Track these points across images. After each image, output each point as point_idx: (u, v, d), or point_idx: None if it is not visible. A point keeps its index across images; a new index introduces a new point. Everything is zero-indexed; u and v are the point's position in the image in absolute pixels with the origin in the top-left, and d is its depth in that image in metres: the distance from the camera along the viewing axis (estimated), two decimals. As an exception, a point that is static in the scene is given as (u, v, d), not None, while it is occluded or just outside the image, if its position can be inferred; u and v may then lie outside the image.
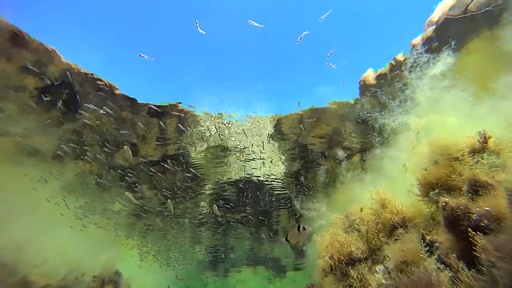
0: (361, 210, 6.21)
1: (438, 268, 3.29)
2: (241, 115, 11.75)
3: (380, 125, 9.11)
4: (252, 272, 26.73)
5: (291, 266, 25.01)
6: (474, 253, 3.09)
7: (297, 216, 17.23)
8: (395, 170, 6.89)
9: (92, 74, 10.14)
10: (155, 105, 10.93)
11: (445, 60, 7.41)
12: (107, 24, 8.82)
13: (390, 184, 6.72)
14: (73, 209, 12.71)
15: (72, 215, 12.76)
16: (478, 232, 3.18)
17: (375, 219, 5.61)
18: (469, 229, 3.30)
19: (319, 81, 10.94)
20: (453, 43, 8.28)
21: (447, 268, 3.30)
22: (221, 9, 8.73)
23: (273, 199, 15.96)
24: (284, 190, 15.56)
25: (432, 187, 5.03)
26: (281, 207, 16.84)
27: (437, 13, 9.54)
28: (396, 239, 4.80)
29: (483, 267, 2.91)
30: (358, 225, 5.99)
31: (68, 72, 9.57)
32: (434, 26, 9.46)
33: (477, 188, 3.86)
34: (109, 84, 10.47)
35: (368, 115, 9.96)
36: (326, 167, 13.30)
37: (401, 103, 8.11)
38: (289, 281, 26.11)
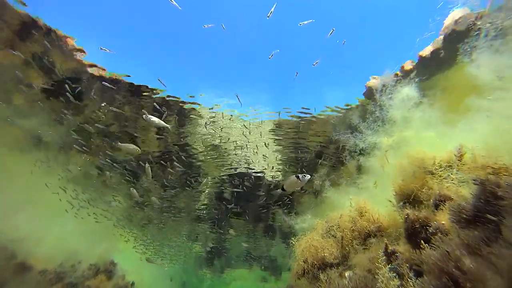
0: (340, 216, 6.36)
1: (389, 277, 3.43)
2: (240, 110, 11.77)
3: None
4: (248, 271, 27.05)
5: (287, 267, 25.22)
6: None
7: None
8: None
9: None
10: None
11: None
12: (109, 19, 9.11)
13: (369, 194, 6.86)
14: (74, 199, 13.17)
15: (74, 205, 13.24)
16: (428, 244, 3.31)
17: (351, 227, 5.75)
18: (422, 241, 3.43)
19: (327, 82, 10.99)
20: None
21: (399, 277, 3.45)
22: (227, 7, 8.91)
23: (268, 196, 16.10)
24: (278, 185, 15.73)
25: (407, 198, 5.16)
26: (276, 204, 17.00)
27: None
28: (365, 248, 4.93)
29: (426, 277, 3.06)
30: (335, 231, 6.13)
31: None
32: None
33: (440, 203, 3.97)
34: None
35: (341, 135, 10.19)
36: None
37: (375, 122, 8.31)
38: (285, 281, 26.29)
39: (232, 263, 25.50)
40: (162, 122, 7.94)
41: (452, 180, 4.22)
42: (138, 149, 8.61)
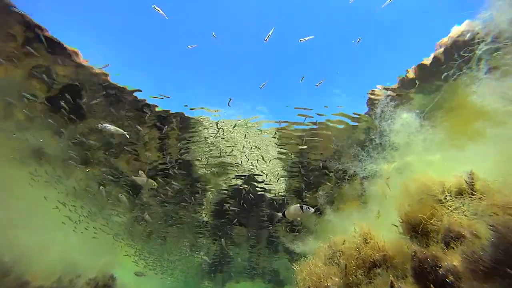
0: (344, 242, 6.06)
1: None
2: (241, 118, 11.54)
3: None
4: (251, 284, 26.49)
5: (289, 280, 24.63)
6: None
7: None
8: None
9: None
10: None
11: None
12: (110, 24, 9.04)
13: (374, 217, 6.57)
14: (72, 212, 13.03)
15: (73, 218, 13.10)
16: (440, 290, 3.04)
17: (356, 254, 5.45)
18: (432, 285, 3.15)
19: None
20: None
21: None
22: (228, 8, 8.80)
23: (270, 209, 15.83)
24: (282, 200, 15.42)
25: (414, 228, 4.87)
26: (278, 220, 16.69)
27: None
28: (369, 282, 4.64)
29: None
30: (338, 258, 5.83)
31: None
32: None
33: (450, 239, 3.69)
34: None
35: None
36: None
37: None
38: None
39: (233, 275, 25.02)
40: (120, 130, 7.83)
41: (463, 212, 3.93)
42: (154, 183, 8.50)
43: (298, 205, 5.01)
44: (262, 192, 15.07)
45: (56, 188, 12.18)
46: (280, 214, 5.39)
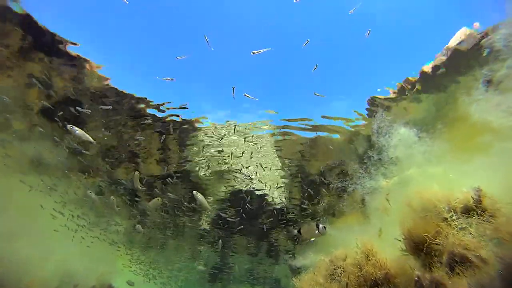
0: (345, 258, 5.89)
1: None
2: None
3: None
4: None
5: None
6: None
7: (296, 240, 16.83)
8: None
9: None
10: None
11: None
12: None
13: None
14: (70, 220, 12.90)
15: (72, 227, 12.98)
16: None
17: (357, 272, 5.28)
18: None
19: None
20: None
21: None
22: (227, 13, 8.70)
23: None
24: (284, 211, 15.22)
25: (417, 245, 4.71)
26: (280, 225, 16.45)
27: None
28: (372, 303, 4.46)
29: None
30: (339, 275, 5.66)
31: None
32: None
33: (455, 263, 3.53)
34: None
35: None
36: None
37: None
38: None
39: (233, 283, 24.73)
40: (86, 135, 7.60)
41: (470, 233, 3.75)
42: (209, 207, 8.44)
43: (314, 223, 4.87)
44: (262, 201, 14.89)
45: (51, 196, 12.06)
46: (295, 231, 5.24)
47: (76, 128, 7.25)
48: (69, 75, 9.41)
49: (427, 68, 9.67)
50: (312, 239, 4.98)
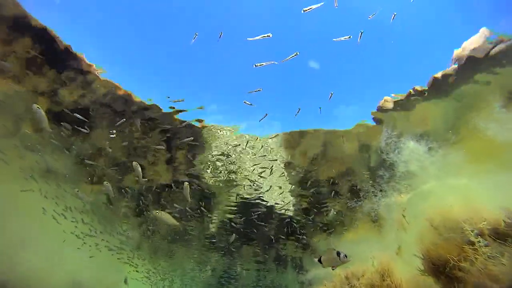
0: (362, 276, 5.69)
1: None
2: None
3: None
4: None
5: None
6: None
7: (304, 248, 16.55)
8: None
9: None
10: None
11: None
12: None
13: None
14: (76, 227, 12.84)
15: (79, 235, 12.97)
16: None
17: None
18: None
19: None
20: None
21: None
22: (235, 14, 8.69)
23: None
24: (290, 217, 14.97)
25: (437, 267, 4.48)
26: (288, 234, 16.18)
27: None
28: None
29: None
30: (355, 294, 5.47)
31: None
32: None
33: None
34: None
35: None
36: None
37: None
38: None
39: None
40: (47, 125, 7.33)
41: (501, 262, 3.44)
42: (177, 223, 8.22)
43: (335, 251, 4.66)
44: (270, 209, 14.70)
45: (58, 204, 12.09)
46: (316, 260, 5.08)
47: (41, 110, 6.93)
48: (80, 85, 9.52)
49: (438, 75, 9.45)
50: (333, 268, 4.76)
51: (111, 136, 9.84)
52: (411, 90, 10.18)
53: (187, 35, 8.66)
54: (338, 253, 4.54)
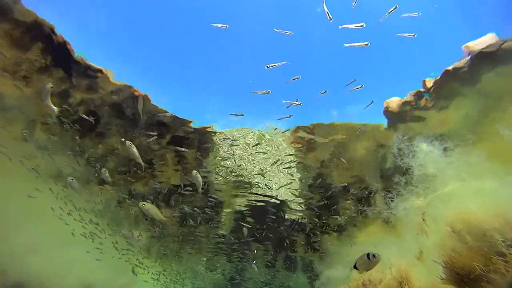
0: (380, 283, 5.49)
1: None
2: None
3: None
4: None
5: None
6: None
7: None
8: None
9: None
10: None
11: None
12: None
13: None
14: (85, 228, 12.90)
15: (89, 236, 13.05)
16: None
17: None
18: None
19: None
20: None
21: None
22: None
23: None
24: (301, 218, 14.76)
25: (461, 277, 4.25)
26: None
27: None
28: None
29: None
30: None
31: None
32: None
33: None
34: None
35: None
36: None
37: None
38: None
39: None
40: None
41: None
42: (164, 218, 8.16)
43: (366, 254, 4.65)
44: (280, 210, 14.54)
45: (67, 205, 12.16)
46: (352, 267, 5.03)
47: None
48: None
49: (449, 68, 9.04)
50: (368, 270, 4.75)
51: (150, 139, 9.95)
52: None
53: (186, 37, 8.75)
54: (368, 255, 4.51)
